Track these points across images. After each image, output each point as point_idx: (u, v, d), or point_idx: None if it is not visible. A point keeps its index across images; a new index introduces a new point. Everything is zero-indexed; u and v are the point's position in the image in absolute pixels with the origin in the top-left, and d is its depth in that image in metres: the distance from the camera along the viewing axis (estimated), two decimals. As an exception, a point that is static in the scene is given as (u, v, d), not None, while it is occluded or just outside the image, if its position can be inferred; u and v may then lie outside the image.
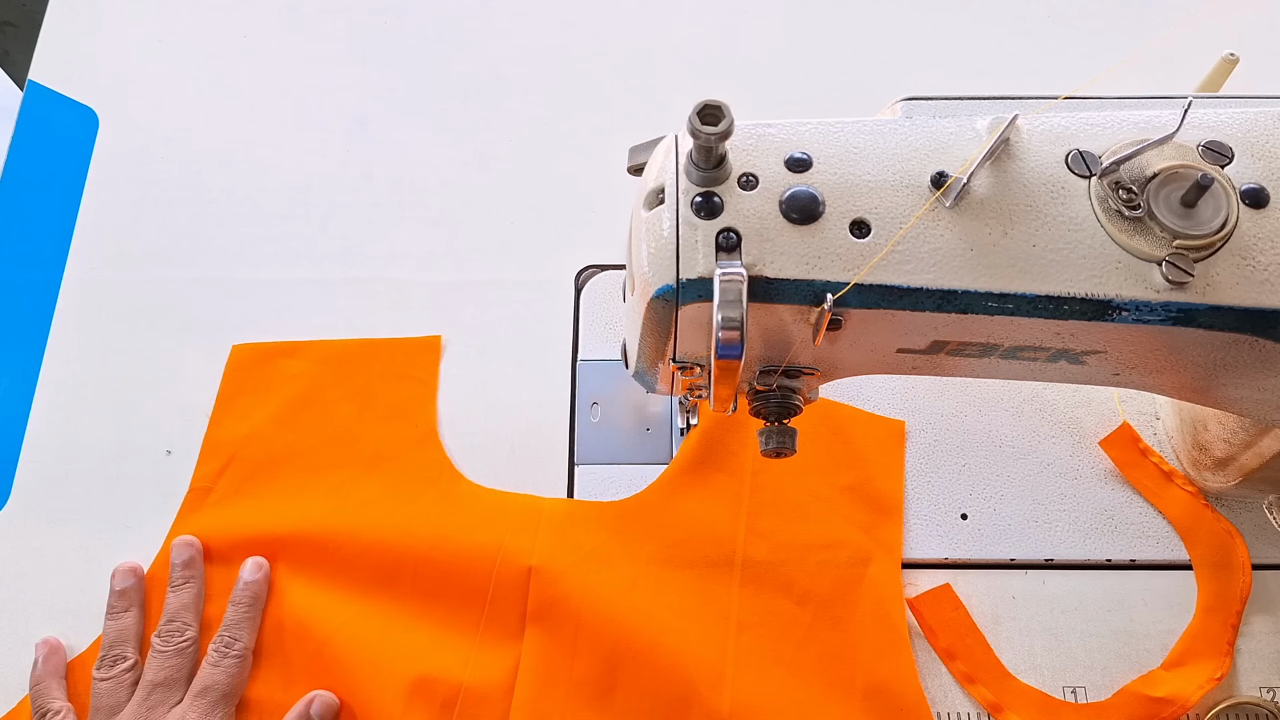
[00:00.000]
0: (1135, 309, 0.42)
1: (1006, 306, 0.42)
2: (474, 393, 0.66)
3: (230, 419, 0.64)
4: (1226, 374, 0.46)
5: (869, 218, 0.42)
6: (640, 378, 0.51)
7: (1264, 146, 0.44)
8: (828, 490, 0.61)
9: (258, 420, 0.64)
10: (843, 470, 0.62)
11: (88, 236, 0.71)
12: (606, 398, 0.66)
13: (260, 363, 0.65)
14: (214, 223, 0.72)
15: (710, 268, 0.42)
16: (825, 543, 0.60)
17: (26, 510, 0.63)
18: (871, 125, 0.45)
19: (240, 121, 0.76)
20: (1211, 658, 0.57)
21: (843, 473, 0.62)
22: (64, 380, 0.67)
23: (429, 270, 0.70)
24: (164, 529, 0.62)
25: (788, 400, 0.48)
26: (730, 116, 0.39)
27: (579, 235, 0.71)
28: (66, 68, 0.78)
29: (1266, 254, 0.42)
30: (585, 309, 0.69)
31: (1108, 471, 0.63)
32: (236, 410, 0.64)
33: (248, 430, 0.63)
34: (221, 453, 0.63)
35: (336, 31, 0.80)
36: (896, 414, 0.65)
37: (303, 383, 0.65)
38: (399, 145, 0.75)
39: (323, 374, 0.65)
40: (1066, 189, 0.43)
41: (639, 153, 0.48)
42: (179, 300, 0.69)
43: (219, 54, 0.78)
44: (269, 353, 0.66)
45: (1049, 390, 0.65)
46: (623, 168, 0.49)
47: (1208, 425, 0.59)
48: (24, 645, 0.59)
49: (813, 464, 0.62)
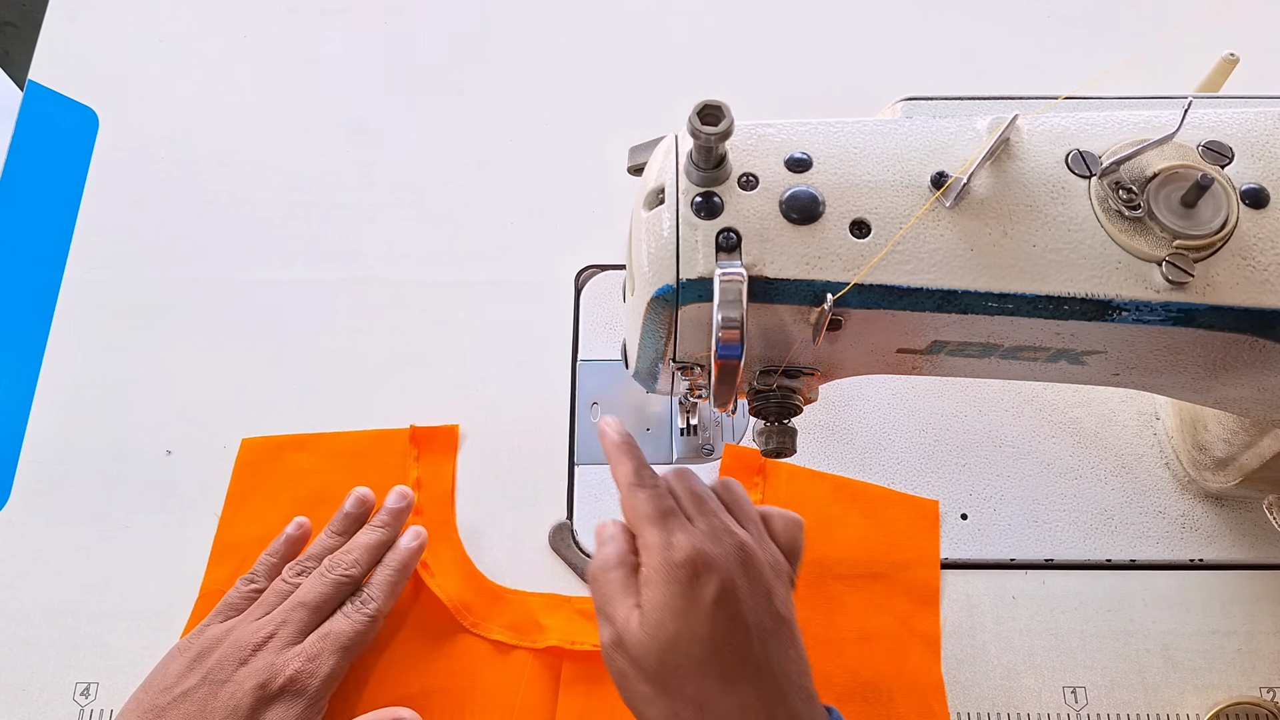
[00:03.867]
0: (1135, 309, 0.42)
1: (1006, 306, 0.42)
2: (474, 393, 0.66)
3: (241, 519, 0.62)
4: (1226, 374, 0.46)
5: (869, 218, 0.42)
6: (640, 378, 0.51)
7: (1264, 146, 0.44)
8: (862, 579, 0.59)
9: (269, 520, 0.61)
10: (877, 557, 0.59)
11: (88, 236, 0.71)
12: (606, 398, 0.66)
13: (270, 457, 0.63)
14: (214, 223, 0.72)
15: (710, 268, 0.42)
16: (862, 636, 0.58)
17: (26, 510, 0.63)
18: (871, 125, 0.45)
19: (240, 121, 0.76)
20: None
21: (877, 560, 0.59)
22: (64, 380, 0.67)
23: (429, 270, 0.70)
24: (164, 529, 0.62)
25: (788, 400, 0.48)
26: (730, 116, 0.39)
27: (579, 235, 0.71)
28: (66, 68, 0.78)
29: (1266, 254, 0.42)
30: (585, 309, 0.69)
31: (1108, 471, 0.63)
32: (247, 509, 0.62)
33: (259, 531, 0.60)
34: (233, 555, 0.60)
35: (336, 31, 0.80)
36: (896, 414, 0.65)
37: (314, 479, 0.62)
38: (399, 145, 0.75)
39: (334, 468, 0.63)
40: (1066, 189, 0.43)
41: (639, 153, 0.48)
42: (179, 300, 0.69)
43: (219, 54, 0.78)
44: (279, 446, 0.63)
45: (1049, 390, 0.65)
46: (623, 168, 0.49)
47: (1208, 425, 0.59)
48: (24, 645, 0.59)
49: (845, 551, 0.60)
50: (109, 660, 0.58)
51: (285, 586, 0.56)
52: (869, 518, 0.61)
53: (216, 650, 0.52)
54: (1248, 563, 0.60)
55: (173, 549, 0.61)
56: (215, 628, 0.54)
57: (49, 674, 0.58)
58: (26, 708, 0.57)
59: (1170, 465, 0.63)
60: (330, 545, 0.58)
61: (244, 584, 0.56)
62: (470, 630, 0.58)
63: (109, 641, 0.59)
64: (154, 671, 0.53)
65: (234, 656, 0.52)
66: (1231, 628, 0.59)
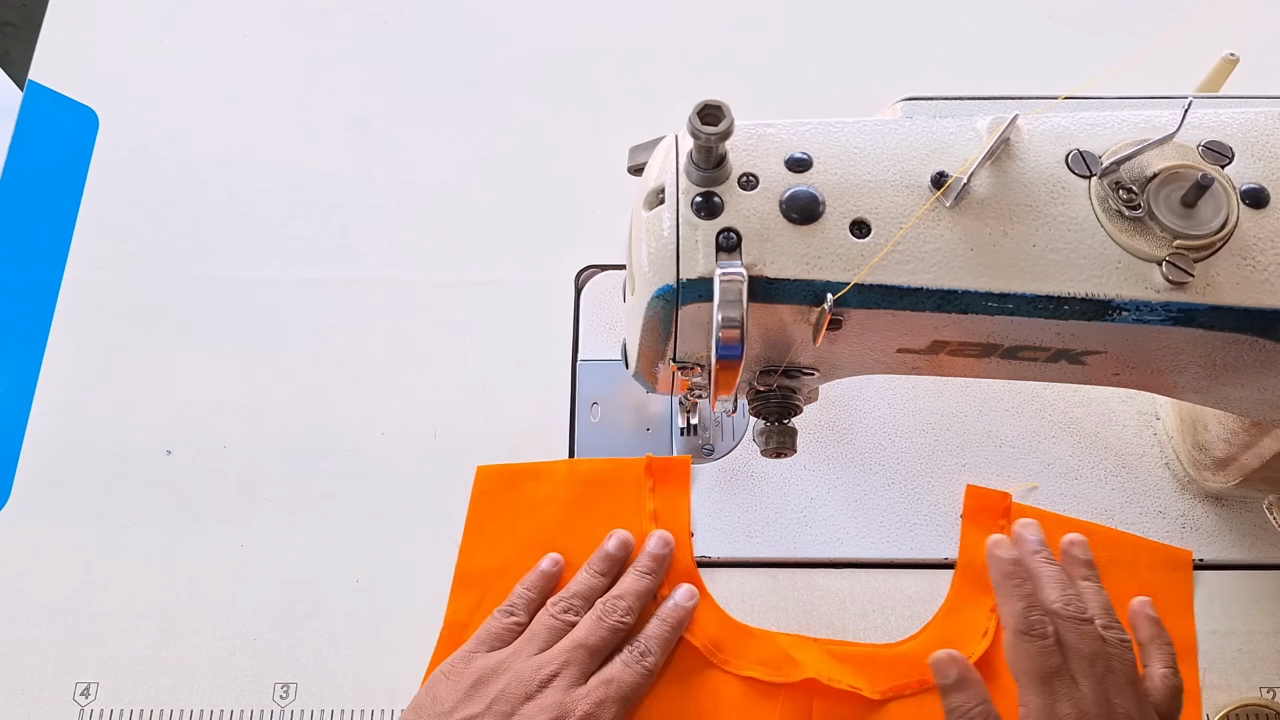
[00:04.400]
0: (1135, 309, 0.42)
1: (1006, 306, 0.42)
2: (474, 393, 0.66)
3: (481, 548, 0.61)
4: (1226, 374, 0.46)
5: (869, 218, 0.42)
6: (640, 378, 0.51)
7: (1264, 146, 0.44)
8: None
9: (509, 551, 0.61)
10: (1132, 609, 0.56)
11: (88, 236, 0.71)
12: (606, 398, 0.66)
13: (507, 487, 0.63)
14: (214, 223, 0.72)
15: (710, 268, 0.42)
16: None
17: (26, 510, 0.63)
18: (871, 125, 0.45)
19: (240, 121, 0.76)
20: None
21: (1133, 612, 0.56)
22: (64, 380, 0.67)
23: (429, 270, 0.70)
24: (164, 529, 0.62)
25: (788, 400, 0.48)
26: (730, 116, 0.39)
27: (579, 235, 0.71)
28: (66, 68, 0.78)
29: (1266, 254, 0.42)
30: (585, 309, 0.69)
31: (1108, 471, 0.63)
32: (486, 538, 0.62)
33: (500, 562, 0.60)
34: (475, 586, 0.60)
35: (336, 31, 0.80)
36: (896, 414, 0.65)
37: (551, 509, 0.62)
38: (399, 145, 0.75)
39: (571, 498, 0.62)
40: (1066, 189, 0.43)
41: (639, 153, 0.48)
42: (179, 300, 0.69)
43: (219, 54, 0.78)
44: (516, 475, 0.63)
45: (1049, 390, 0.65)
46: (623, 168, 0.49)
47: (1208, 425, 0.59)
48: (24, 645, 0.59)
49: None
50: (109, 660, 0.58)
51: (557, 623, 0.55)
52: (1121, 567, 0.59)
53: (495, 681, 0.52)
54: (1248, 563, 0.60)
55: (173, 549, 0.61)
56: (485, 657, 0.54)
57: (49, 674, 0.58)
58: (26, 708, 0.57)
59: (1170, 465, 0.63)
60: (594, 585, 0.57)
61: (504, 615, 0.56)
62: (721, 668, 0.57)
63: (109, 641, 0.59)
64: (420, 695, 0.53)
65: (519, 691, 0.52)
66: (1231, 628, 0.59)
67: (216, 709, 0.57)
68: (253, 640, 0.59)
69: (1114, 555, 0.59)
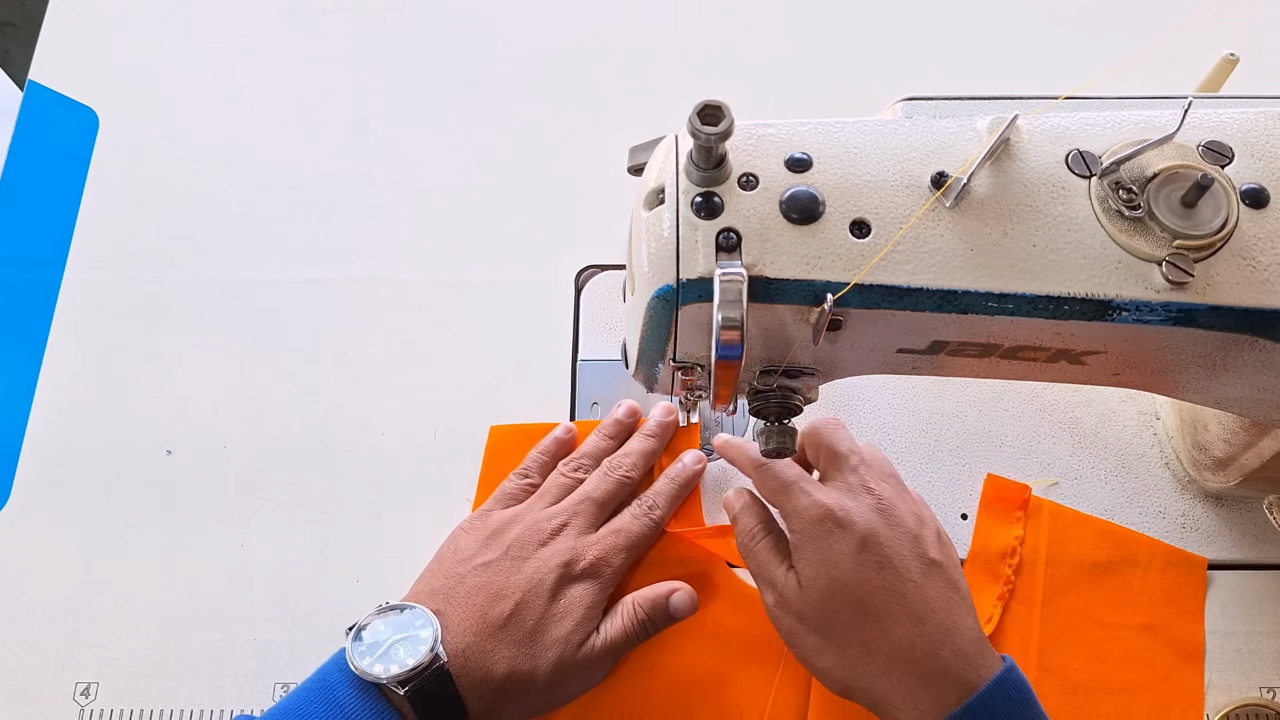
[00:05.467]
0: (1135, 309, 0.42)
1: (1006, 306, 0.42)
2: (474, 393, 0.66)
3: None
4: (1226, 374, 0.46)
5: (869, 218, 0.42)
6: (640, 378, 0.51)
7: (1264, 146, 0.44)
8: (1125, 628, 0.58)
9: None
10: (1142, 607, 0.58)
11: (88, 236, 0.71)
12: (606, 398, 0.66)
13: (519, 444, 0.63)
14: (214, 223, 0.72)
15: (710, 268, 0.42)
16: (1122, 687, 0.56)
17: (26, 510, 0.63)
18: (871, 125, 0.45)
19: (240, 121, 0.76)
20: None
21: (1141, 610, 0.58)
22: (64, 380, 0.67)
23: (429, 270, 0.70)
24: (164, 529, 0.62)
25: (788, 400, 0.48)
26: (730, 116, 0.39)
27: (579, 235, 0.71)
28: (66, 68, 0.78)
29: (1266, 254, 0.42)
30: (585, 309, 0.69)
31: (1108, 471, 0.63)
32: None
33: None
34: None
35: (336, 31, 0.80)
36: (896, 414, 0.65)
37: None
38: (399, 145, 0.75)
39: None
40: (1066, 189, 0.43)
41: (639, 153, 0.48)
42: (179, 300, 0.69)
43: (219, 54, 0.78)
44: (528, 434, 0.63)
45: (1049, 390, 0.65)
46: (623, 168, 0.49)
47: (1208, 425, 0.59)
48: (24, 645, 0.59)
49: (1108, 597, 0.58)
50: (109, 660, 0.58)
51: (567, 480, 0.59)
52: (1135, 568, 0.59)
53: (510, 530, 0.56)
54: (1248, 562, 0.60)
55: (173, 549, 0.61)
56: (499, 512, 0.57)
57: (49, 674, 0.58)
58: (26, 708, 0.57)
59: (1170, 465, 0.63)
60: (603, 446, 0.61)
61: (519, 477, 0.60)
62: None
63: (109, 641, 0.59)
64: (444, 548, 0.56)
65: (533, 538, 0.55)
66: (1231, 628, 0.59)
67: (216, 709, 0.57)
68: (253, 640, 0.59)
69: (1128, 555, 0.60)
